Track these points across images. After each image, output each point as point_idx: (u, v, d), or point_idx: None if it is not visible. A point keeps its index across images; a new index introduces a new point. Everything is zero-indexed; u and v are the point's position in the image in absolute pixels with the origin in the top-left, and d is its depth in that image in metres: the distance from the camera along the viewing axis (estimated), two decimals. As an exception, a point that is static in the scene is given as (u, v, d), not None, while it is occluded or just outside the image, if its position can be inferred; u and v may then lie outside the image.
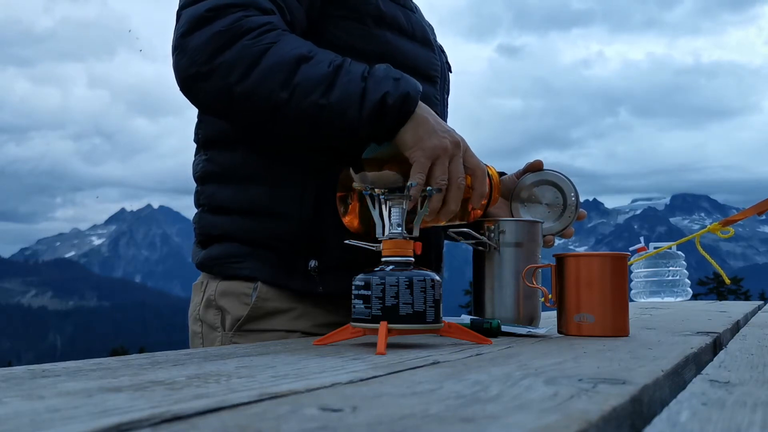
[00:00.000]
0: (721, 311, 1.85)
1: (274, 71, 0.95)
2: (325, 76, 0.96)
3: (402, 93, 0.97)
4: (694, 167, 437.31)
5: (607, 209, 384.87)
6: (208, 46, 0.96)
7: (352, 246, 0.92)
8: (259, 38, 0.96)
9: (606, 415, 0.41)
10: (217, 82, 0.97)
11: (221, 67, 0.96)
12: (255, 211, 1.12)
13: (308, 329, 1.12)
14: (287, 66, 0.96)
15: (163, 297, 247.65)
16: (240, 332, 1.12)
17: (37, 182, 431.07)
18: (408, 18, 1.18)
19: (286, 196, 1.11)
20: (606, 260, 1.00)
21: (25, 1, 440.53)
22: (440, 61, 1.25)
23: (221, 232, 1.15)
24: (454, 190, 0.99)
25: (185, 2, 1.01)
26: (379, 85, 0.96)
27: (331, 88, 0.96)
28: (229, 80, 0.96)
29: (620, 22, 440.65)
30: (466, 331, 0.86)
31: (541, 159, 1.28)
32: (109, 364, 0.65)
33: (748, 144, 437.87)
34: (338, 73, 0.96)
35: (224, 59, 0.96)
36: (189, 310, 1.22)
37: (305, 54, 0.97)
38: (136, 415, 0.39)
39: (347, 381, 0.53)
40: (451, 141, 0.99)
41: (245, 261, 1.13)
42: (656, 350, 0.79)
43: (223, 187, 1.15)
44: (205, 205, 1.19)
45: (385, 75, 0.98)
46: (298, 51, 0.97)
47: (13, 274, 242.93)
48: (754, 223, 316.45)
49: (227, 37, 0.96)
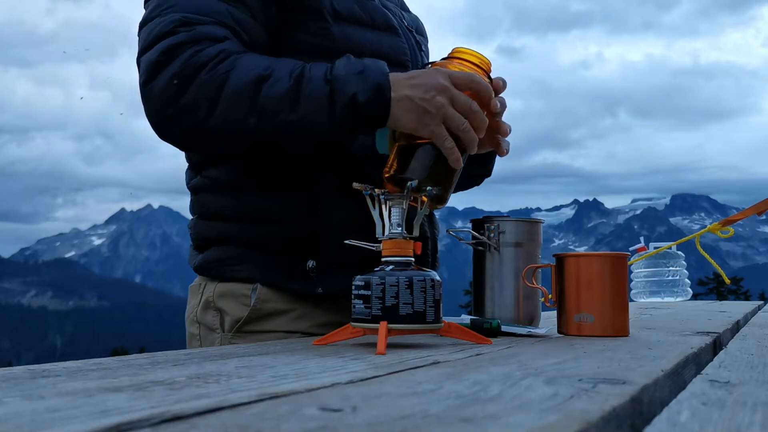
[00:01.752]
0: (721, 311, 1.85)
1: (236, 99, 0.95)
2: (288, 90, 0.94)
3: (371, 86, 0.94)
4: (693, 167, 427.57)
5: (607, 209, 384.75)
6: (169, 90, 0.96)
7: (350, 246, 0.92)
8: (215, 69, 0.95)
9: (606, 415, 0.41)
10: (186, 122, 0.97)
11: (186, 107, 0.96)
12: (250, 218, 1.12)
13: (308, 330, 1.12)
14: (248, 90, 0.94)
15: (163, 297, 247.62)
16: (239, 333, 1.12)
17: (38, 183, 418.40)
18: (364, 8, 1.15)
19: (280, 202, 1.11)
20: (606, 260, 1.00)
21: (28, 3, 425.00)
22: (408, 43, 1.21)
23: (218, 236, 1.15)
24: (476, 120, 0.96)
25: (141, 48, 1.01)
26: (345, 87, 0.94)
27: (296, 102, 0.94)
28: (197, 119, 0.96)
29: (618, 23, 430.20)
30: (466, 331, 0.86)
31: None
32: (109, 364, 0.65)
33: (746, 145, 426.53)
34: (300, 84, 0.95)
35: (187, 99, 0.95)
36: (186, 312, 1.22)
37: (262, 73, 0.95)
38: (136, 415, 0.39)
39: (347, 381, 0.53)
40: (439, 92, 0.94)
41: (243, 263, 1.12)
42: (656, 350, 0.79)
43: (216, 196, 1.15)
44: (200, 213, 1.19)
45: (347, 73, 0.95)
46: (255, 72, 0.95)
47: (13, 274, 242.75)
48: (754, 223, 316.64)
49: (184, 77, 0.95)
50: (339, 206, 1.10)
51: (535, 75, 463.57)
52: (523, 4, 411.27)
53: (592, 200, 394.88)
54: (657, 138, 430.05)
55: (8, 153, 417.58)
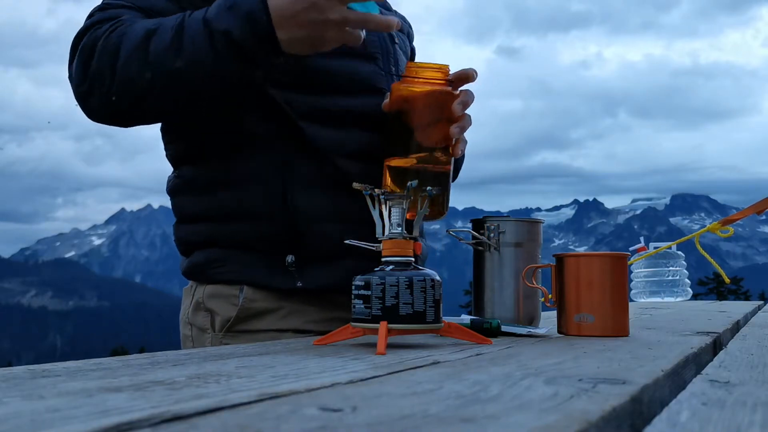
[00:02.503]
0: (721, 311, 1.85)
1: (131, 58, 0.97)
2: (171, 39, 0.96)
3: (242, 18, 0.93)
4: (692, 167, 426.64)
5: (607, 209, 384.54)
6: (79, 67, 1.00)
7: (329, 238, 0.91)
8: (109, 37, 0.99)
9: (606, 415, 0.41)
10: (97, 91, 1.00)
11: (94, 78, 0.99)
12: (226, 216, 1.13)
13: (300, 327, 1.13)
14: (139, 48, 0.97)
15: (163, 297, 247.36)
16: (230, 333, 1.13)
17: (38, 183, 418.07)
18: None
19: (253, 196, 1.11)
20: (606, 260, 1.00)
21: (29, 4, 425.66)
22: (379, 37, 1.20)
23: (199, 239, 1.16)
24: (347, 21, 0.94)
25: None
26: (218, 25, 0.94)
27: (180, 49, 0.96)
28: (104, 86, 0.99)
29: (618, 24, 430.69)
30: (466, 331, 0.86)
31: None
32: (109, 364, 0.65)
33: (745, 145, 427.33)
34: (181, 32, 0.96)
35: (92, 71, 0.99)
36: (180, 314, 1.23)
37: (151, 28, 0.98)
38: (136, 415, 0.39)
39: (347, 381, 0.53)
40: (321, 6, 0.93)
41: (226, 265, 1.13)
42: (656, 350, 0.79)
43: (192, 197, 1.16)
44: (180, 216, 1.20)
45: (218, 11, 0.95)
46: (144, 29, 0.98)
47: (13, 274, 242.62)
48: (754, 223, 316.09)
49: (87, 51, 0.99)
50: (312, 199, 1.10)
51: (535, 75, 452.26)
52: (522, 4, 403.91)
53: (592, 200, 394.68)
54: (657, 138, 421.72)
55: (8, 153, 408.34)
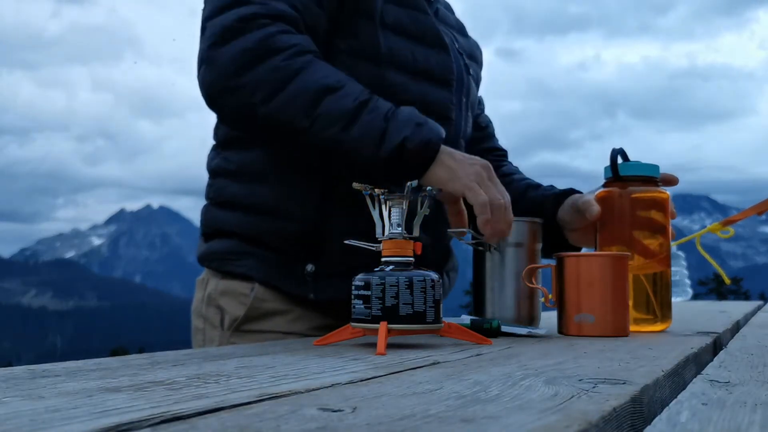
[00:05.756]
0: (721, 311, 1.85)
1: (298, 98, 0.95)
2: (349, 110, 0.95)
3: (423, 139, 0.96)
4: (692, 168, 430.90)
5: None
6: (236, 61, 0.96)
7: (351, 252, 0.91)
8: (289, 61, 0.96)
9: (606, 416, 0.41)
10: (242, 99, 0.97)
11: (248, 85, 0.96)
12: (259, 209, 1.12)
13: (306, 332, 1.12)
14: (312, 95, 0.95)
15: (163, 297, 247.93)
16: (238, 332, 1.13)
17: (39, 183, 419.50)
18: (416, 21, 1.15)
19: (290, 195, 1.11)
20: (606, 260, 1.00)
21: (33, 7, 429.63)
22: (456, 63, 1.21)
23: (225, 227, 1.15)
24: (500, 209, 0.97)
25: (210, 13, 1.00)
26: (400, 129, 0.96)
27: (351, 123, 0.95)
28: (253, 99, 0.96)
29: (615, 26, 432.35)
30: (466, 331, 0.86)
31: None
32: (109, 364, 0.65)
33: (744, 145, 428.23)
34: (362, 110, 0.96)
35: (251, 78, 0.95)
36: (192, 305, 1.23)
37: (332, 85, 0.96)
38: (135, 415, 0.39)
39: (347, 381, 0.53)
40: (481, 165, 0.99)
41: (243, 259, 1.13)
42: (656, 350, 0.79)
43: (232, 182, 1.15)
44: (213, 198, 1.19)
45: (408, 118, 0.97)
46: (325, 81, 0.96)
47: (13, 274, 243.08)
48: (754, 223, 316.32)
49: (256, 55, 0.95)
50: (346, 212, 1.10)
51: (534, 77, 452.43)
52: (521, 6, 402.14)
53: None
54: (656, 139, 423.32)
55: (9, 154, 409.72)
